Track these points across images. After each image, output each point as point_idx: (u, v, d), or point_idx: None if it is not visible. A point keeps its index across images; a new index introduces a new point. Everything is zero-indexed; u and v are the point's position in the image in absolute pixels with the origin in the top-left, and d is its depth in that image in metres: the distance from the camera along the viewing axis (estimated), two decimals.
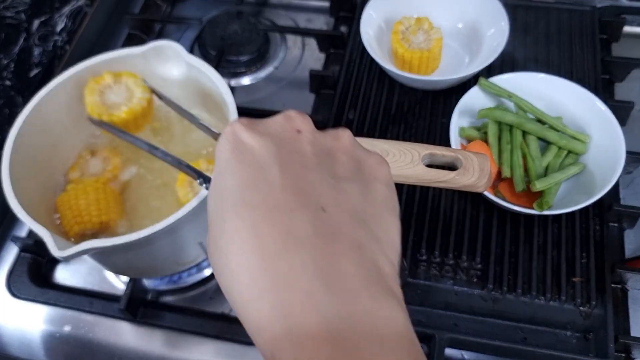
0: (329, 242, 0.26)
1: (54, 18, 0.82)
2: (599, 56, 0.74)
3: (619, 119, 0.60)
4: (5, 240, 0.68)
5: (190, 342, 0.59)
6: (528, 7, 0.79)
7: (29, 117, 0.57)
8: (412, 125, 0.69)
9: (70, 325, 0.62)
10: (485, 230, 0.60)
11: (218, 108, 0.60)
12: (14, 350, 0.61)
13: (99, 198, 0.57)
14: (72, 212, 0.57)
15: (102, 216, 0.56)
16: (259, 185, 0.27)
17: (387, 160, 0.48)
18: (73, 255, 0.48)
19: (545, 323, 0.57)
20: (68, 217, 0.57)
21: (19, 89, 0.74)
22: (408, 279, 0.58)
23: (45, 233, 0.49)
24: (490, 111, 0.63)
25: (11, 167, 0.54)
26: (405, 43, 0.69)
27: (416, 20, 0.71)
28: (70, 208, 0.57)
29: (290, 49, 0.84)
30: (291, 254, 0.25)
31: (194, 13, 0.90)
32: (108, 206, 0.57)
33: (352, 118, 0.70)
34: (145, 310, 0.61)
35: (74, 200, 0.57)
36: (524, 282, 0.57)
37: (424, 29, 0.70)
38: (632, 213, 0.61)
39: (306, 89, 0.78)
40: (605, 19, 0.79)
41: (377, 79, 0.74)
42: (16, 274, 0.65)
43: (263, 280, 0.25)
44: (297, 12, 0.89)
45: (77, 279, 0.66)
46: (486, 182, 0.48)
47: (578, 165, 0.61)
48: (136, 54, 0.61)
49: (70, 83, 0.60)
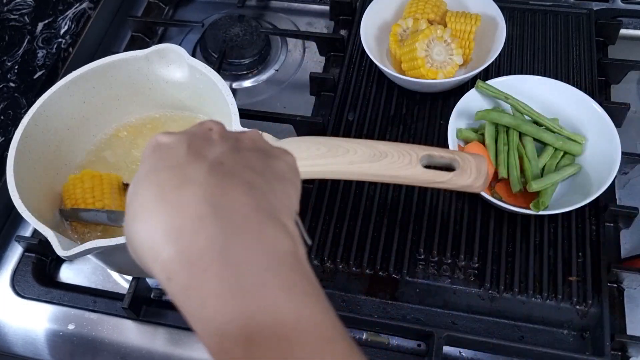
0: (221, 179, 0.28)
1: (57, 21, 0.83)
2: (595, 58, 0.74)
3: (614, 121, 0.61)
4: (10, 240, 0.69)
5: (193, 340, 0.60)
6: (525, 10, 0.80)
7: (34, 119, 0.58)
8: (411, 126, 0.70)
9: (74, 323, 0.63)
10: (483, 230, 0.61)
11: (220, 110, 0.61)
12: (18, 349, 0.62)
13: (94, 186, 0.60)
14: (71, 201, 0.60)
15: (97, 203, 0.59)
16: (167, 157, 0.30)
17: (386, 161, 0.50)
18: (77, 255, 0.49)
19: (542, 322, 0.58)
20: (68, 205, 0.60)
21: (22, 90, 0.75)
22: (407, 278, 0.59)
23: (49, 233, 0.50)
24: (487, 113, 0.64)
25: (16, 167, 0.55)
26: (427, 62, 0.68)
27: (414, 22, 0.72)
28: (69, 197, 0.60)
29: (291, 52, 0.85)
30: (183, 189, 0.28)
31: (196, 16, 0.91)
32: (102, 193, 0.60)
33: (352, 120, 0.71)
34: (149, 308, 0.62)
35: (72, 189, 0.60)
36: (521, 281, 0.58)
37: (448, 46, 0.69)
38: (628, 213, 0.62)
39: (306, 91, 0.78)
40: (602, 21, 0.79)
41: (377, 81, 0.74)
42: (20, 273, 0.66)
43: (158, 213, 0.28)
44: (298, 15, 0.90)
45: (80, 278, 0.66)
46: (483, 183, 0.49)
47: (574, 166, 0.61)
48: (139, 57, 0.62)
49: (74, 85, 0.61)
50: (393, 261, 0.60)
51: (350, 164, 0.50)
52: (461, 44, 0.71)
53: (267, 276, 0.26)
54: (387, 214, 0.63)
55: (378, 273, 0.59)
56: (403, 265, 0.59)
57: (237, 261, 0.26)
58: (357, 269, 0.60)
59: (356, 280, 0.60)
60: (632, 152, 0.66)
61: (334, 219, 0.63)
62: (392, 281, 0.59)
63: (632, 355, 0.56)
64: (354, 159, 0.50)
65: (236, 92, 0.82)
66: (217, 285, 0.25)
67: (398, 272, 0.59)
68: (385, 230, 0.62)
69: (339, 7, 0.85)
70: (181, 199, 0.28)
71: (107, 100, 0.65)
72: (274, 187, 0.30)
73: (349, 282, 0.60)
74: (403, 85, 0.72)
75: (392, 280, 0.59)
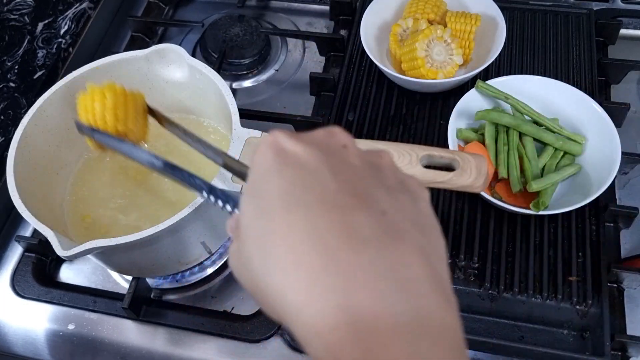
0: (396, 242, 0.24)
1: (57, 21, 0.83)
2: (595, 58, 0.74)
3: (614, 121, 0.61)
4: (10, 240, 0.69)
5: (193, 340, 0.60)
6: (525, 10, 0.80)
7: (34, 119, 0.58)
8: (411, 126, 0.70)
9: (74, 323, 0.63)
10: (483, 230, 0.61)
11: (219, 110, 0.61)
12: (18, 349, 0.62)
13: (117, 104, 0.51)
14: (87, 115, 0.51)
15: (119, 125, 0.50)
16: (310, 186, 0.25)
17: None
18: (77, 255, 0.49)
19: (543, 321, 0.58)
20: (84, 119, 0.52)
21: (22, 90, 0.75)
22: None
23: (49, 233, 0.50)
24: (487, 113, 0.64)
25: (16, 167, 0.55)
26: (427, 62, 0.68)
27: (414, 22, 0.72)
28: (86, 110, 0.51)
29: (291, 52, 0.85)
30: (357, 252, 0.23)
31: (196, 16, 0.91)
32: (126, 116, 0.51)
33: (352, 120, 0.71)
34: (148, 308, 0.62)
35: (89, 102, 0.51)
36: (521, 281, 0.58)
37: (448, 46, 0.69)
38: (628, 213, 0.62)
39: (307, 91, 0.78)
40: (602, 21, 0.79)
41: (377, 81, 0.74)
42: (20, 273, 0.66)
43: (326, 279, 0.23)
44: (298, 15, 0.90)
45: (81, 278, 0.66)
46: (483, 183, 0.49)
47: (574, 166, 0.61)
48: (139, 57, 0.62)
49: (74, 85, 0.61)
50: None
51: None
52: (461, 44, 0.71)
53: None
54: None
55: None
56: None
57: (418, 346, 0.22)
58: None
59: None
60: (632, 152, 0.66)
61: None
62: None
63: (632, 355, 0.56)
64: None
65: (236, 92, 0.82)
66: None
67: None
68: None
69: (339, 7, 0.85)
70: (358, 269, 0.23)
71: None
72: (435, 247, 0.26)
73: None
74: (403, 85, 0.72)
75: None
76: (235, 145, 0.54)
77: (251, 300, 0.62)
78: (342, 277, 0.22)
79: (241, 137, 0.55)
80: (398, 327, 0.22)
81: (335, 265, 0.23)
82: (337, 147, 0.28)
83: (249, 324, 0.60)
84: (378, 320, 0.22)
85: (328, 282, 0.22)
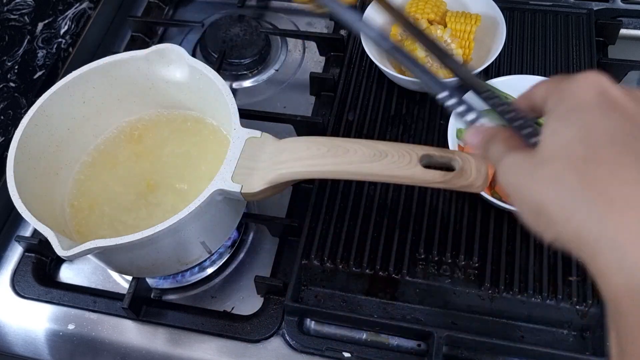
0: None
1: (57, 21, 0.83)
2: (595, 58, 0.74)
3: None
4: (10, 240, 0.69)
5: (193, 340, 0.60)
6: (525, 10, 0.80)
7: (34, 119, 0.58)
8: (411, 126, 0.70)
9: (74, 323, 0.63)
10: (483, 230, 0.61)
11: (220, 110, 0.61)
12: (18, 349, 0.62)
13: None
14: None
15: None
16: (637, 137, 0.25)
17: (386, 161, 0.50)
18: (77, 255, 0.49)
19: (543, 321, 0.58)
20: None
21: (22, 90, 0.75)
22: (407, 278, 0.59)
23: (49, 233, 0.50)
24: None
25: (16, 167, 0.55)
26: (427, 62, 0.67)
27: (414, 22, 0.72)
28: None
29: (291, 52, 0.85)
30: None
31: (196, 16, 0.91)
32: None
33: (352, 120, 0.71)
34: (149, 308, 0.62)
35: None
36: (521, 281, 0.58)
37: (448, 46, 0.69)
38: None
39: (307, 91, 0.78)
40: (602, 21, 0.79)
41: (377, 81, 0.74)
42: (20, 273, 0.66)
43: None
44: (298, 15, 0.90)
45: (81, 278, 0.66)
46: (483, 183, 0.49)
47: None
48: (139, 57, 0.62)
49: (74, 85, 0.61)
50: (393, 261, 0.60)
51: (350, 164, 0.50)
52: (461, 44, 0.71)
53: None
54: (387, 214, 0.63)
55: (378, 273, 0.59)
56: (403, 265, 0.59)
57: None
58: (357, 269, 0.60)
59: (356, 280, 0.60)
60: None
61: (334, 219, 0.63)
62: (392, 281, 0.59)
63: None
64: (354, 159, 0.50)
65: (236, 92, 0.82)
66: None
67: (398, 272, 0.59)
68: (385, 230, 0.62)
69: None
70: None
71: (107, 100, 0.65)
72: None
73: (349, 282, 0.60)
74: (403, 85, 0.72)
75: (392, 280, 0.59)
76: (235, 145, 0.54)
77: (251, 300, 0.62)
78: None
79: (241, 137, 0.55)
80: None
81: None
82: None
83: (249, 324, 0.60)
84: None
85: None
